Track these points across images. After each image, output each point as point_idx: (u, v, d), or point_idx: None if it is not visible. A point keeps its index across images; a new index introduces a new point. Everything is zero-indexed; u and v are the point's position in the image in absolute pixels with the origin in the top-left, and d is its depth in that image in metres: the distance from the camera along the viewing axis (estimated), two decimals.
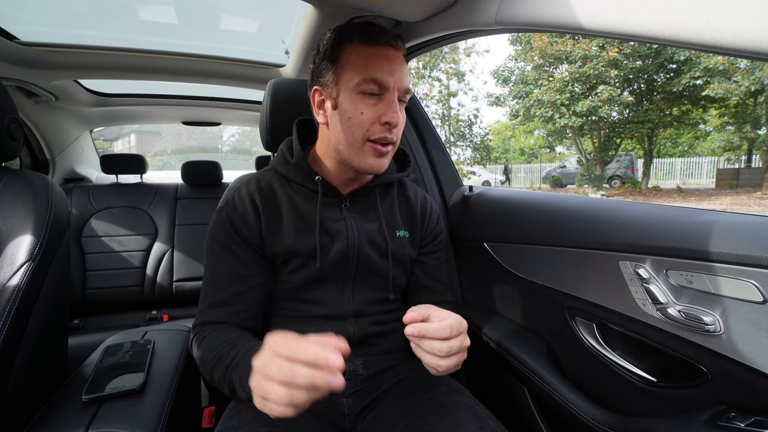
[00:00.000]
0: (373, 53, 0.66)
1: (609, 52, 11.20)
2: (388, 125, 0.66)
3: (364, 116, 0.66)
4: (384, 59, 0.66)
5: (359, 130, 0.67)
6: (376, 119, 0.66)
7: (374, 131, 0.67)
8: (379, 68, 0.66)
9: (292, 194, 0.75)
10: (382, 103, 0.66)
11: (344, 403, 0.69)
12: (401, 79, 0.68)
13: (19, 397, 0.67)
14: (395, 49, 0.68)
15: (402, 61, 0.69)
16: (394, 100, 0.67)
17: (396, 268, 0.79)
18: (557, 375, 0.77)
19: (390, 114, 0.66)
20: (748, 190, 11.00)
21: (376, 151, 0.68)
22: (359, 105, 0.66)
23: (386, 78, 0.66)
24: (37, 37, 1.21)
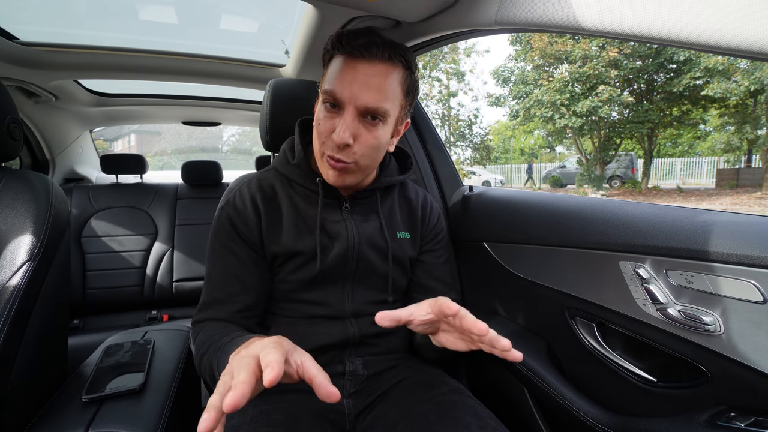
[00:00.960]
0: (342, 64, 0.63)
1: (609, 52, 11.19)
2: (333, 142, 0.63)
3: (320, 127, 0.65)
4: (348, 71, 0.62)
5: (318, 141, 0.66)
6: (329, 132, 0.64)
7: (327, 146, 0.65)
8: (339, 80, 0.62)
9: (293, 195, 0.75)
10: (338, 117, 0.63)
11: (344, 403, 0.69)
12: (359, 94, 0.61)
13: (19, 397, 0.67)
14: (369, 62, 0.61)
15: (374, 73, 0.61)
16: (346, 117, 0.61)
17: (396, 269, 0.79)
18: (557, 375, 0.77)
19: (337, 130, 0.61)
20: (748, 190, 11.00)
21: (331, 166, 0.65)
22: (320, 114, 0.65)
23: (342, 91, 0.61)
24: (37, 37, 1.21)
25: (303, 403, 0.66)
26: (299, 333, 0.74)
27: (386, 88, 0.63)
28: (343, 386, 0.71)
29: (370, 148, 0.65)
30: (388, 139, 0.70)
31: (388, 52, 0.62)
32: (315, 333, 0.73)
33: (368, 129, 0.64)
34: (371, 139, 0.64)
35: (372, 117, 0.63)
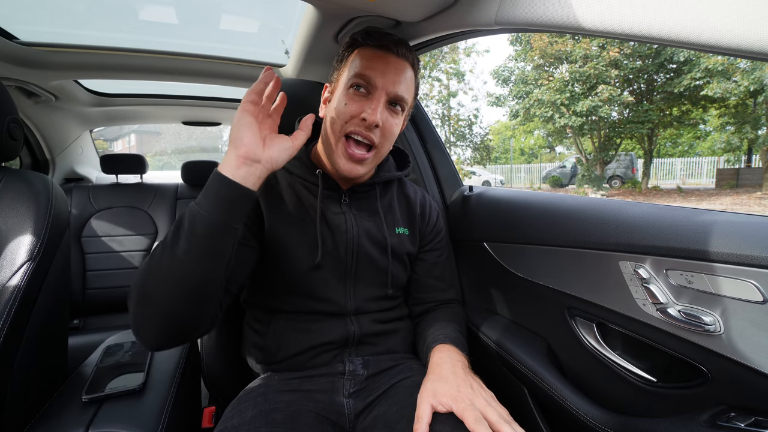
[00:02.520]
0: (373, 54, 0.69)
1: (609, 52, 11.20)
2: (365, 122, 0.67)
3: (347, 108, 0.69)
4: (380, 61, 0.69)
5: (339, 122, 0.69)
6: (357, 114, 0.68)
7: (351, 124, 0.69)
8: (372, 68, 0.68)
9: (294, 185, 0.77)
10: (367, 101, 0.68)
11: (344, 403, 0.69)
12: (393, 83, 0.69)
13: (19, 397, 0.67)
14: (398, 56, 0.70)
15: (403, 70, 0.70)
16: (380, 100, 0.68)
17: (395, 263, 0.79)
18: (557, 375, 0.77)
19: (369, 111, 0.67)
20: (748, 190, 11.00)
21: (349, 155, 0.69)
22: (346, 98, 0.69)
23: (376, 77, 0.68)
24: (37, 37, 1.21)
25: (303, 403, 0.66)
26: (300, 329, 0.74)
27: (409, 82, 0.72)
28: (343, 386, 0.72)
29: (390, 135, 0.72)
30: (398, 132, 0.75)
31: (412, 55, 0.72)
32: (316, 330, 0.74)
33: (392, 116, 0.71)
34: (393, 126, 0.71)
35: (394, 104, 0.71)
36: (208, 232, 0.53)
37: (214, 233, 0.53)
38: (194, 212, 0.53)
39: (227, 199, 0.54)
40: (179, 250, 0.52)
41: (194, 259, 0.53)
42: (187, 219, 0.54)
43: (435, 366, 0.66)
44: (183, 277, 0.53)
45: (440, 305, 0.87)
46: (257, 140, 0.56)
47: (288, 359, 0.73)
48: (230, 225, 0.54)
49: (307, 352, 0.73)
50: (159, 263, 0.54)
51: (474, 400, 0.57)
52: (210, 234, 0.53)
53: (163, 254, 0.54)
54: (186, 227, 0.53)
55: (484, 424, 0.53)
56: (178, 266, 0.53)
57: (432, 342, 0.74)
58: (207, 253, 0.53)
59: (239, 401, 0.68)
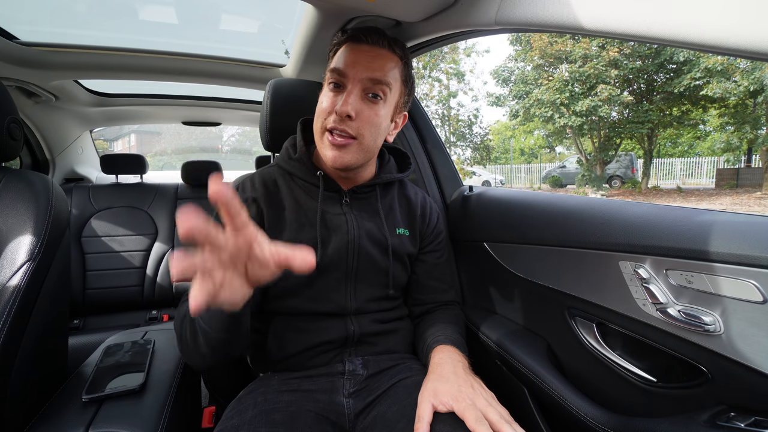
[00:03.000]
0: (346, 48, 0.70)
1: (609, 52, 11.20)
2: (336, 114, 0.67)
3: (323, 106, 0.70)
4: (351, 52, 0.69)
5: (320, 120, 0.70)
6: (332, 108, 0.69)
7: (329, 120, 0.69)
8: (342, 61, 0.69)
9: (294, 188, 0.77)
10: (340, 94, 0.69)
11: (344, 403, 0.69)
12: (365, 69, 0.68)
13: (19, 397, 0.67)
14: (369, 44, 0.69)
15: (377, 57, 0.69)
16: (351, 92, 0.68)
17: (396, 264, 0.79)
18: (557, 375, 0.77)
19: (340, 103, 0.67)
20: (748, 190, 11.00)
21: (331, 143, 0.69)
22: (324, 97, 0.71)
23: (346, 68, 0.68)
24: (37, 37, 1.21)
25: (303, 403, 0.66)
26: (300, 329, 0.74)
27: (386, 67, 0.70)
28: (343, 386, 0.72)
29: (371, 125, 0.70)
30: (388, 123, 0.74)
31: (388, 41, 0.71)
32: (315, 330, 0.74)
33: (369, 106, 0.69)
34: (372, 116, 0.69)
35: (373, 95, 0.69)
36: (223, 342, 0.58)
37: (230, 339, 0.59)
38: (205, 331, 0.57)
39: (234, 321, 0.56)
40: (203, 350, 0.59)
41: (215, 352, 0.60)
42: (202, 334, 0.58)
43: (436, 366, 0.66)
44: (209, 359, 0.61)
45: (440, 306, 0.87)
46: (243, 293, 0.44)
47: (288, 359, 0.73)
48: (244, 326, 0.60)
49: (307, 352, 0.73)
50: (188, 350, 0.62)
51: (475, 399, 0.57)
52: (225, 341, 0.58)
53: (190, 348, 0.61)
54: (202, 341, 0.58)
55: (485, 424, 0.53)
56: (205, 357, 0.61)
57: (432, 342, 0.74)
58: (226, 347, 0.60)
59: (239, 401, 0.68)
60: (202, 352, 0.59)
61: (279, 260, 0.42)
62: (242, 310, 0.53)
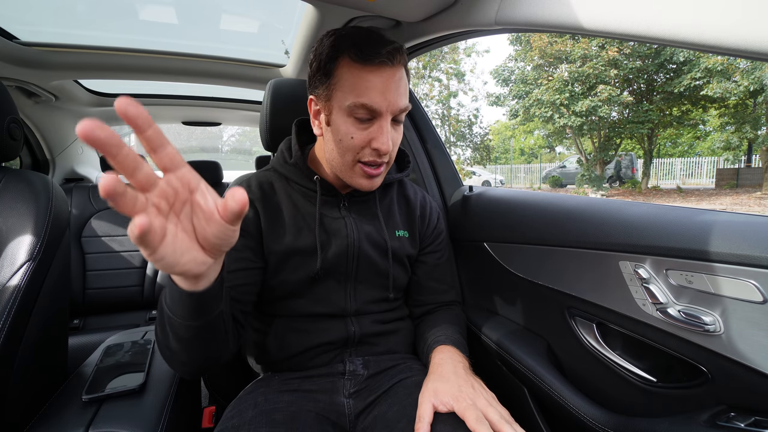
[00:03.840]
0: (366, 74, 0.62)
1: (608, 52, 11.20)
2: (377, 151, 0.65)
3: (354, 141, 0.65)
4: (377, 80, 0.62)
5: (350, 153, 0.67)
6: (367, 144, 0.65)
7: (364, 154, 0.66)
8: (369, 93, 0.62)
9: (291, 193, 0.76)
10: (373, 127, 0.65)
11: (344, 403, 0.69)
12: (396, 100, 0.64)
13: (20, 397, 0.67)
14: (391, 65, 0.63)
15: (399, 77, 0.65)
16: (386, 125, 0.64)
17: (396, 267, 0.79)
18: (557, 375, 0.77)
19: (380, 140, 0.64)
20: (748, 190, 11.00)
21: (366, 173, 0.68)
22: (350, 129, 0.65)
23: (378, 103, 0.63)
24: (37, 37, 1.21)
25: (303, 403, 0.66)
26: (300, 330, 0.74)
27: (406, 88, 0.68)
28: (343, 386, 0.72)
29: (397, 146, 0.70)
30: None
31: (400, 55, 0.65)
32: (316, 331, 0.73)
33: (396, 129, 0.68)
34: (398, 137, 0.70)
35: (397, 118, 0.68)
36: (191, 335, 0.51)
37: (198, 334, 0.51)
38: (171, 319, 0.50)
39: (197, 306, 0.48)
40: (173, 346, 0.53)
41: (189, 352, 0.53)
42: (167, 323, 0.51)
43: (436, 366, 0.66)
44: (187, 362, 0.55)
45: (441, 307, 0.87)
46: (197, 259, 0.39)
47: (288, 359, 0.73)
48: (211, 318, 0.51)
49: (308, 352, 0.73)
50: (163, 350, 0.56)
51: (475, 399, 0.57)
52: (195, 336, 0.51)
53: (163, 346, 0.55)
54: (169, 330, 0.51)
55: (485, 424, 0.53)
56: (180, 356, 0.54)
57: (433, 343, 0.74)
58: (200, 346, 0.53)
59: (239, 401, 0.68)
60: (172, 347, 0.53)
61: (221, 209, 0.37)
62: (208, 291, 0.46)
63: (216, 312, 0.51)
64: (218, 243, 0.39)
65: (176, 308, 0.48)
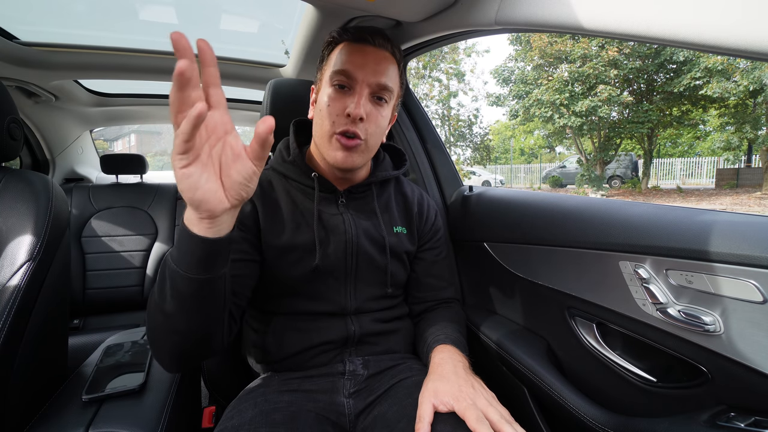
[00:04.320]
0: (351, 49, 0.69)
1: (608, 52, 11.20)
2: (349, 117, 0.67)
3: (330, 108, 0.69)
4: (358, 54, 0.69)
5: (327, 122, 0.69)
6: (342, 111, 0.68)
7: (339, 123, 0.68)
8: (350, 62, 0.68)
9: (290, 190, 0.77)
10: (349, 96, 0.69)
11: (344, 403, 0.69)
12: (374, 73, 0.68)
13: (19, 397, 0.67)
14: (375, 47, 0.70)
15: (381, 57, 0.70)
16: (362, 94, 0.68)
17: (394, 262, 0.79)
18: (557, 375, 0.77)
19: (351, 105, 0.67)
20: (748, 190, 11.00)
21: (341, 144, 0.69)
22: (329, 97, 0.69)
23: (355, 71, 0.68)
24: (37, 37, 1.21)
25: (303, 403, 0.66)
26: (300, 329, 0.74)
27: (390, 71, 0.71)
28: (343, 386, 0.72)
29: (377, 127, 0.71)
30: (387, 124, 0.75)
31: (391, 44, 0.72)
32: (315, 330, 0.74)
33: (376, 108, 0.70)
34: (379, 117, 0.71)
35: (378, 97, 0.70)
36: (193, 291, 0.50)
37: (200, 290, 0.50)
38: (174, 272, 0.49)
39: (205, 256, 0.48)
40: (169, 308, 0.51)
41: (186, 314, 0.51)
42: (169, 277, 0.50)
43: (436, 366, 0.66)
44: (180, 330, 0.53)
45: (439, 304, 0.87)
46: (217, 194, 0.45)
47: (288, 358, 0.73)
48: (215, 276, 0.51)
49: (307, 352, 0.73)
50: (155, 318, 0.53)
51: (476, 399, 0.57)
52: (196, 292, 0.50)
53: (156, 311, 0.53)
54: (169, 286, 0.50)
55: (485, 424, 0.53)
56: (173, 322, 0.52)
57: (433, 342, 0.74)
58: (198, 308, 0.52)
59: (239, 401, 0.68)
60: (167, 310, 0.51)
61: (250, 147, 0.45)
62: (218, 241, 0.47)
63: (221, 272, 0.51)
64: (239, 182, 0.45)
65: (183, 258, 0.48)
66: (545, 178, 17.35)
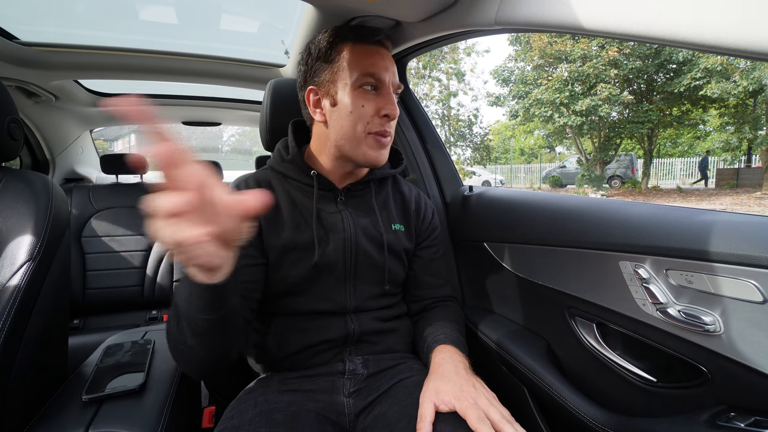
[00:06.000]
0: (368, 51, 0.72)
1: (609, 52, 11.19)
2: (386, 117, 0.71)
3: (365, 109, 0.70)
4: (378, 56, 0.72)
5: (361, 123, 0.70)
6: (376, 112, 0.71)
7: (374, 124, 0.71)
8: (375, 64, 0.71)
9: (289, 189, 0.77)
10: (380, 96, 0.71)
11: (344, 403, 0.70)
12: (394, 74, 0.74)
13: (19, 397, 0.67)
14: (385, 48, 0.74)
15: (390, 60, 0.74)
16: (391, 94, 0.72)
17: (393, 259, 0.80)
18: (557, 375, 0.77)
19: (389, 107, 0.71)
20: (748, 190, 11.00)
21: (377, 143, 0.72)
22: (360, 99, 0.70)
23: (382, 73, 0.71)
24: (37, 37, 1.21)
25: (303, 403, 0.66)
26: (299, 328, 0.74)
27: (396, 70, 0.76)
28: (343, 386, 0.72)
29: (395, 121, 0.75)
30: None
31: (388, 41, 0.75)
32: (315, 329, 0.74)
33: None
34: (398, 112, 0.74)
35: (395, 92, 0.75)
36: (208, 327, 0.52)
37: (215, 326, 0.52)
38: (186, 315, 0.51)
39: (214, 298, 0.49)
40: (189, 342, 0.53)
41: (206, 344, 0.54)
42: (183, 318, 0.52)
43: (437, 366, 0.66)
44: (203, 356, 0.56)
45: (437, 302, 0.87)
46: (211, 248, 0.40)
47: (288, 358, 0.73)
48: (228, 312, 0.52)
49: (307, 351, 0.73)
50: (176, 347, 0.57)
51: (477, 399, 0.57)
52: (212, 328, 0.52)
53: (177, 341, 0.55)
54: (185, 325, 0.52)
55: (486, 424, 0.53)
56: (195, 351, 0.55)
57: (432, 342, 0.74)
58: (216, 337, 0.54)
59: (239, 401, 0.68)
60: (189, 343, 0.53)
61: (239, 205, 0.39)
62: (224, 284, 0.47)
63: (231, 303, 0.52)
64: (233, 237, 0.41)
65: (193, 303, 0.50)
66: (545, 178, 17.34)
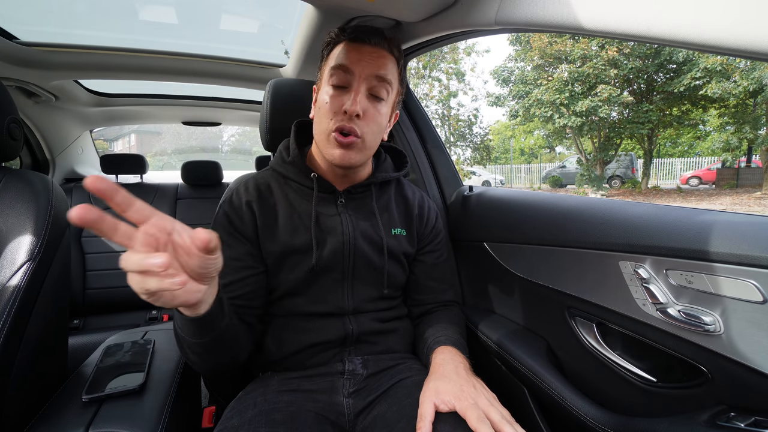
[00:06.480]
0: (348, 47, 0.70)
1: (608, 52, 11.19)
2: (346, 114, 0.67)
3: (328, 105, 0.69)
4: (354, 51, 0.69)
5: (325, 120, 0.70)
6: (339, 108, 0.68)
7: (336, 120, 0.69)
8: (347, 57, 0.69)
9: (288, 192, 0.77)
10: (347, 93, 0.69)
11: (344, 403, 0.70)
12: (370, 67, 0.68)
13: (20, 397, 0.67)
14: (372, 45, 0.70)
15: (378, 55, 0.70)
16: (358, 90, 0.68)
17: (392, 263, 0.79)
18: (557, 375, 0.77)
19: (349, 102, 0.67)
20: (748, 190, 11.00)
21: (337, 142, 0.69)
22: (327, 95, 0.70)
23: (352, 65, 0.68)
24: (37, 37, 1.21)
25: (302, 403, 0.66)
26: (299, 329, 0.74)
27: (388, 67, 0.71)
28: (343, 386, 0.72)
29: (375, 125, 0.71)
30: (386, 122, 0.75)
31: (388, 42, 0.71)
32: (314, 329, 0.74)
33: (373, 105, 0.70)
34: (377, 115, 0.71)
35: (376, 97, 0.71)
36: (205, 345, 0.58)
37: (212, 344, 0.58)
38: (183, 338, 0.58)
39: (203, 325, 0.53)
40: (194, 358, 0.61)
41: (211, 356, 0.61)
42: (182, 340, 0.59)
43: (437, 366, 0.66)
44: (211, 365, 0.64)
45: (439, 306, 0.87)
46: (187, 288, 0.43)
47: (287, 358, 0.73)
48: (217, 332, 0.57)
49: (306, 351, 0.73)
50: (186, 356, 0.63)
51: (477, 399, 0.57)
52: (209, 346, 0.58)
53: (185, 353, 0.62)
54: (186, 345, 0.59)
55: (486, 424, 0.53)
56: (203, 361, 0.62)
57: (433, 343, 0.74)
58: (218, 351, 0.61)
59: (239, 401, 0.68)
60: (191, 358, 0.61)
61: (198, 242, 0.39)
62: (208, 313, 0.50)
63: (222, 326, 0.56)
64: (204, 272, 0.43)
65: (185, 330, 0.55)
66: (545, 178, 17.34)
